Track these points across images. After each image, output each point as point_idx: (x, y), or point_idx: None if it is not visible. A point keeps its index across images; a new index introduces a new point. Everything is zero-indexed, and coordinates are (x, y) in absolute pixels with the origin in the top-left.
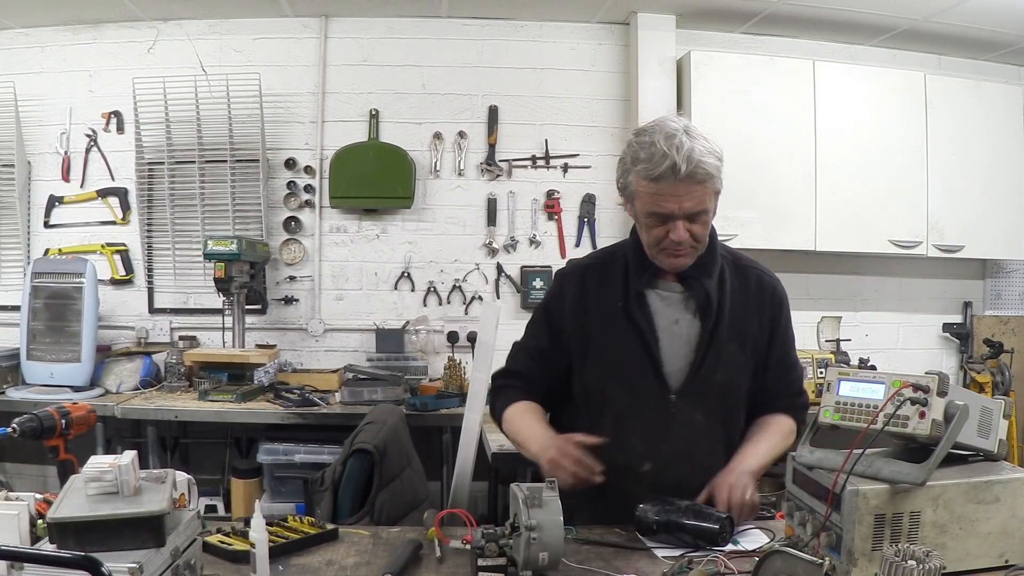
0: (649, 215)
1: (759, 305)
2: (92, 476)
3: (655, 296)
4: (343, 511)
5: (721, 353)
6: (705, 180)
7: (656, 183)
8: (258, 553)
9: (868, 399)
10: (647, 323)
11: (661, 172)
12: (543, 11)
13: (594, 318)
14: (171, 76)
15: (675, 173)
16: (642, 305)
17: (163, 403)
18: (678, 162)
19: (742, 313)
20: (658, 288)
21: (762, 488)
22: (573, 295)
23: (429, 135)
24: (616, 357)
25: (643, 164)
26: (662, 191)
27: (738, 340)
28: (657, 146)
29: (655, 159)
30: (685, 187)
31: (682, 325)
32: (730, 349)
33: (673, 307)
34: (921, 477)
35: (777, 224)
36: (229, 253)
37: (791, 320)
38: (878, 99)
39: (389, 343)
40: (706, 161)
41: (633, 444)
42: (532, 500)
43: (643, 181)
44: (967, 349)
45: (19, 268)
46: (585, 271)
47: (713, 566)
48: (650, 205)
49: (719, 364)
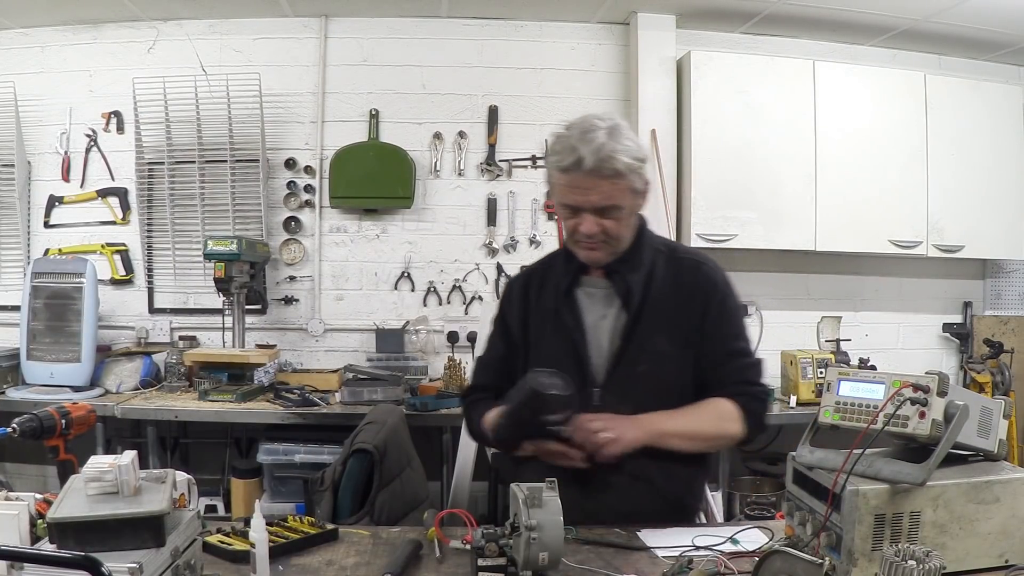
0: (561, 206)
1: (690, 294)
2: (92, 476)
3: (582, 293)
4: (343, 511)
5: (644, 345)
6: (613, 176)
7: (565, 175)
8: (258, 553)
9: (868, 399)
10: (574, 321)
11: (568, 164)
12: (543, 11)
13: (534, 320)
14: (171, 76)
15: (580, 166)
16: (570, 303)
17: (163, 403)
18: (584, 156)
19: (672, 305)
20: (585, 285)
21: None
22: (518, 299)
23: (429, 135)
24: (548, 356)
25: (556, 156)
26: (571, 183)
27: (665, 332)
28: (570, 140)
29: (565, 152)
30: (592, 181)
31: (608, 319)
32: (655, 341)
33: (599, 303)
34: (921, 477)
35: (777, 224)
36: (229, 253)
37: (735, 309)
38: (878, 99)
39: (389, 343)
40: (617, 158)
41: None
42: (532, 500)
43: (555, 173)
44: (967, 349)
45: (19, 268)
46: (529, 276)
47: (713, 566)
48: (561, 196)
49: (642, 356)
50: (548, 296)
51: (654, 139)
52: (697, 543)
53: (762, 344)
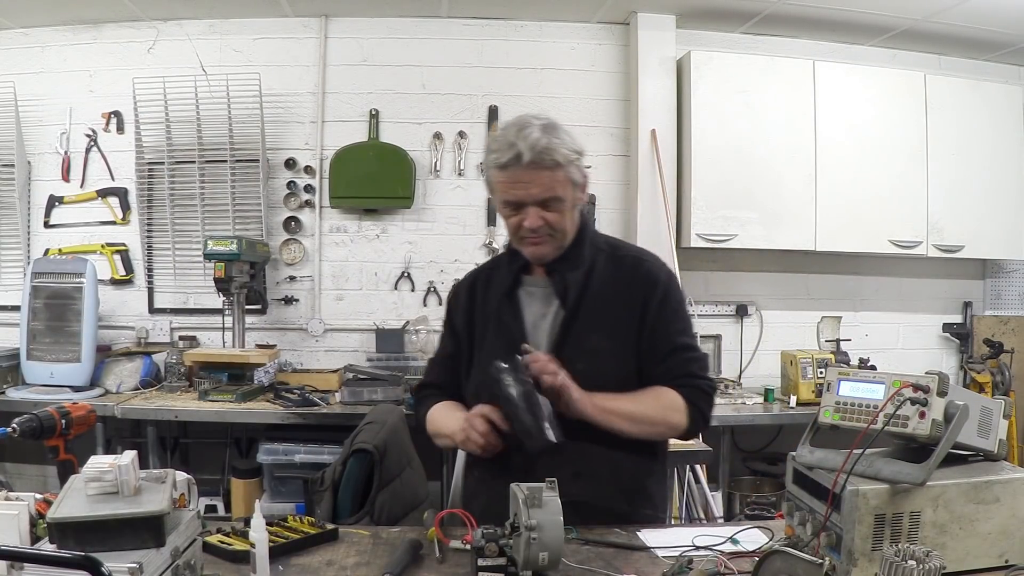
0: (504, 204)
1: (629, 290)
2: (92, 476)
3: (524, 293)
4: (343, 511)
5: (581, 343)
6: (553, 167)
7: (504, 171)
8: (258, 553)
9: (868, 399)
10: (515, 320)
11: (507, 160)
12: (543, 11)
13: (478, 322)
14: (171, 76)
15: (519, 160)
16: (512, 303)
17: (163, 403)
18: (522, 149)
19: (611, 302)
20: (527, 285)
21: (762, 488)
22: (465, 302)
23: (429, 135)
24: (490, 356)
25: (494, 155)
26: (511, 179)
27: (604, 330)
28: (507, 137)
29: (503, 149)
30: (532, 174)
31: (547, 318)
32: (591, 338)
33: (540, 301)
34: (921, 477)
35: (777, 224)
36: (229, 253)
37: (678, 304)
38: (878, 99)
39: (389, 343)
40: (555, 150)
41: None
42: (532, 500)
43: (494, 171)
44: (967, 349)
45: (19, 268)
46: (475, 278)
47: (713, 566)
48: (502, 193)
49: (580, 354)
50: (492, 297)
51: (654, 139)
52: (697, 543)
53: (762, 344)
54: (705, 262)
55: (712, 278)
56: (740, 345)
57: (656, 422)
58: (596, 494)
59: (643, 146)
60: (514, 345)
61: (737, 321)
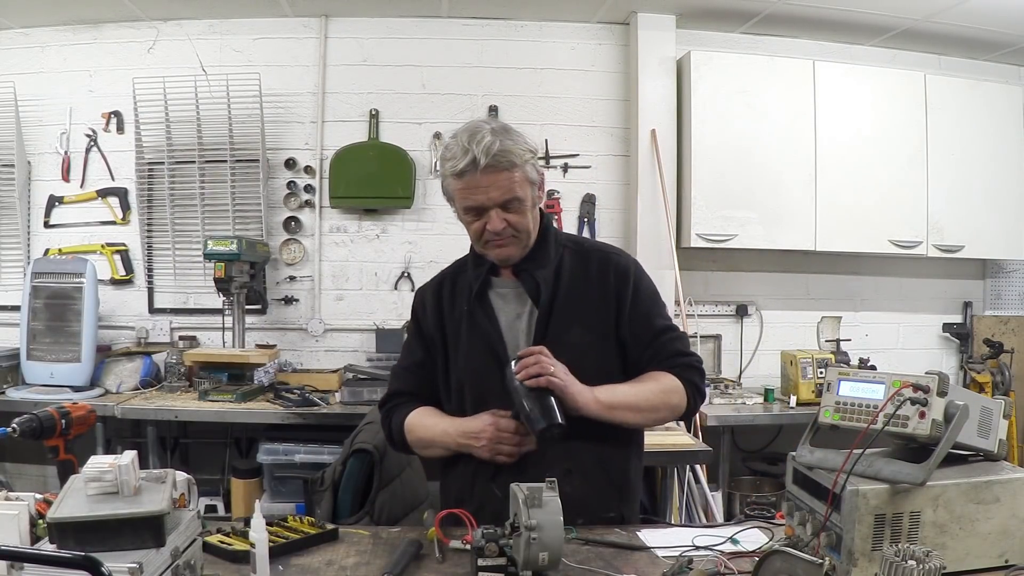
0: (465, 211)
1: (602, 284)
2: (92, 476)
3: (495, 295)
4: (343, 511)
5: (561, 339)
6: (509, 168)
7: (461, 178)
8: (258, 553)
9: (868, 399)
10: (489, 322)
11: (463, 167)
12: (543, 11)
13: (449, 325)
14: (171, 76)
15: (475, 165)
16: (484, 305)
17: (163, 403)
18: (477, 155)
19: (583, 296)
20: (496, 287)
21: (762, 488)
22: (432, 307)
23: (429, 135)
24: (466, 360)
25: (450, 163)
26: (469, 185)
27: (580, 324)
28: (459, 144)
29: (457, 156)
30: (490, 177)
31: (523, 318)
32: (571, 332)
33: (512, 302)
34: (921, 477)
35: (777, 224)
36: (229, 253)
37: (651, 291)
38: (878, 99)
39: (389, 343)
40: (509, 151)
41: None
42: (532, 500)
43: (451, 179)
44: (967, 349)
45: (19, 268)
46: (440, 283)
47: (713, 566)
48: (462, 201)
49: (560, 348)
50: (461, 300)
51: (654, 139)
52: (697, 543)
53: (762, 344)
54: (705, 262)
55: (712, 278)
56: (740, 345)
57: (658, 407)
58: (588, 490)
59: (643, 146)
60: (491, 347)
61: (737, 321)
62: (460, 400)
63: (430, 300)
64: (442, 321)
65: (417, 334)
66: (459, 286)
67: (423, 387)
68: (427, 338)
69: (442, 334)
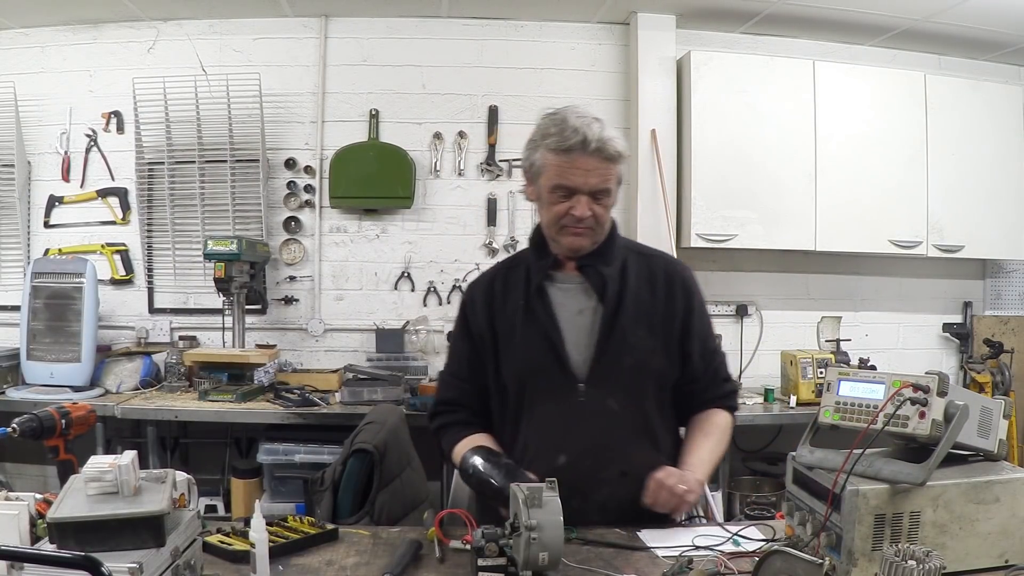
0: (555, 188)
1: (669, 294)
2: (92, 476)
3: (556, 289)
4: (343, 511)
5: (627, 337)
6: (613, 159)
7: (565, 155)
8: (258, 553)
9: (868, 399)
10: (548, 316)
11: (571, 144)
12: (543, 11)
13: (501, 321)
14: (171, 76)
15: (585, 146)
16: (543, 299)
17: (163, 403)
18: (589, 136)
19: (649, 299)
20: (557, 281)
21: (762, 488)
22: (483, 303)
23: (429, 135)
24: (523, 355)
25: (554, 137)
26: (571, 163)
27: (646, 325)
28: (569, 122)
29: (566, 132)
30: (594, 161)
31: (586, 314)
32: (637, 333)
33: (575, 297)
34: (921, 477)
35: (777, 224)
36: (229, 253)
37: (704, 306)
38: (878, 99)
39: (389, 343)
40: (613, 141)
41: (548, 438)
42: (532, 500)
43: (551, 154)
44: (967, 349)
45: (19, 268)
46: (491, 280)
47: (713, 566)
48: (556, 178)
49: (625, 348)
50: (516, 295)
51: (654, 139)
52: (697, 543)
53: (762, 344)
54: (705, 262)
55: (712, 278)
56: (740, 345)
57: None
58: (640, 494)
59: (643, 146)
60: (549, 341)
61: (737, 321)
62: (509, 398)
63: (480, 297)
64: (493, 318)
65: (465, 334)
66: (512, 281)
67: (472, 393)
68: (475, 337)
69: (492, 331)
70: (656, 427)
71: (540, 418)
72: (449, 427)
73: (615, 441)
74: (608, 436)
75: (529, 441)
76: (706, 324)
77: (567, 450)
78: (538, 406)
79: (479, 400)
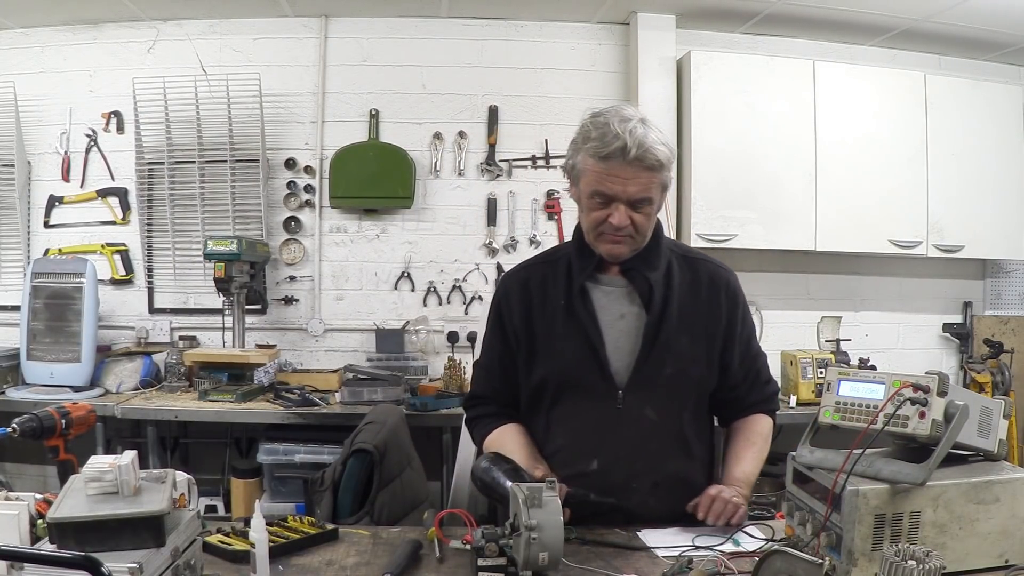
0: (593, 195)
1: (714, 300)
2: (92, 476)
3: (598, 291)
4: (343, 511)
5: (670, 345)
6: (654, 167)
7: (604, 162)
8: (258, 553)
9: (868, 399)
10: (590, 319)
11: (611, 151)
12: (543, 11)
13: (539, 318)
14: (171, 76)
15: (624, 154)
16: (585, 301)
17: (163, 403)
18: (629, 144)
19: (693, 306)
20: (601, 283)
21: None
22: (518, 298)
23: (429, 135)
24: (561, 355)
25: (594, 142)
26: (610, 170)
27: (689, 333)
28: (611, 127)
29: (607, 138)
30: (633, 170)
31: (628, 319)
32: (680, 341)
33: (617, 301)
34: (921, 477)
35: (777, 224)
36: (229, 253)
37: (748, 310)
38: (878, 99)
39: (389, 343)
40: (657, 149)
41: (582, 443)
42: (532, 500)
43: (591, 159)
44: (967, 349)
45: (19, 268)
46: (529, 272)
47: (713, 566)
48: (595, 184)
49: (668, 356)
50: (556, 293)
51: None
52: (697, 543)
53: (762, 344)
54: None
55: None
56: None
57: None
58: (672, 503)
59: None
60: (589, 344)
61: None
62: (544, 396)
63: (516, 293)
64: (530, 317)
65: (498, 327)
66: (551, 278)
67: (503, 389)
68: (510, 333)
69: (530, 331)
70: (690, 436)
71: (575, 421)
72: (480, 419)
73: (650, 451)
74: (643, 446)
75: (562, 442)
76: (749, 329)
77: (600, 456)
78: (573, 409)
79: (510, 394)
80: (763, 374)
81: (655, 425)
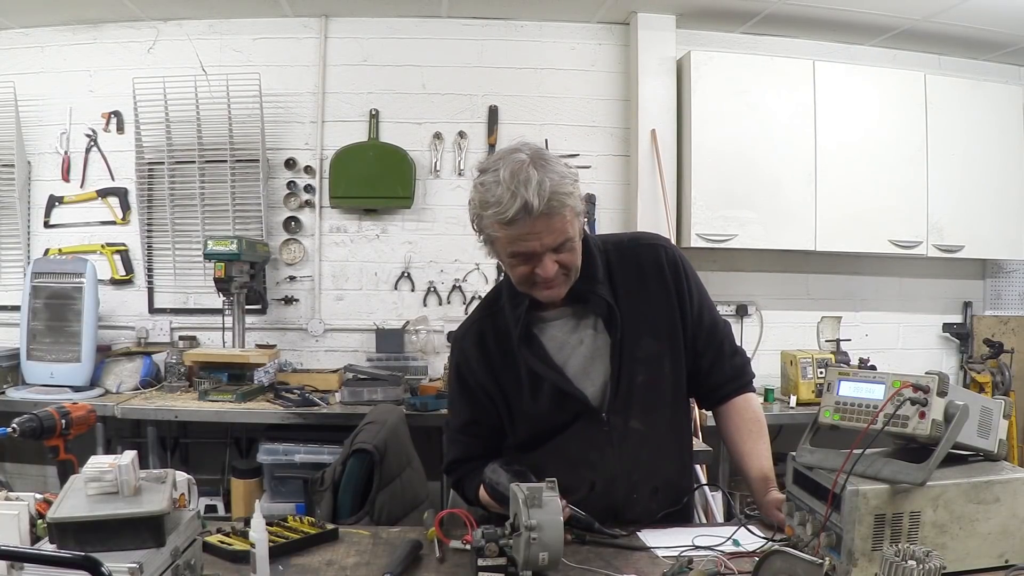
0: (512, 256)
1: (659, 281)
2: (92, 476)
3: (548, 328)
4: (343, 511)
5: (635, 353)
6: (562, 211)
7: (512, 226)
8: (258, 553)
9: (868, 399)
10: (546, 363)
11: (514, 215)
12: (543, 11)
13: (505, 378)
14: (171, 76)
15: (529, 212)
16: (531, 345)
17: (163, 403)
18: (530, 200)
19: (645, 301)
20: (547, 320)
21: None
22: (477, 357)
23: (429, 135)
24: (535, 406)
25: (493, 208)
26: (520, 232)
27: (649, 332)
28: (504, 187)
29: (504, 203)
30: (543, 223)
31: (587, 341)
32: (643, 345)
33: (571, 329)
34: (921, 477)
35: (777, 224)
36: (229, 253)
37: (697, 279)
38: (878, 99)
39: (389, 343)
40: (561, 188)
41: (577, 471)
42: (532, 500)
43: (497, 226)
44: (967, 349)
45: (19, 268)
46: (480, 332)
47: (713, 566)
48: (510, 247)
49: (637, 365)
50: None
51: (654, 139)
52: (697, 543)
53: (762, 344)
54: (705, 262)
55: (712, 278)
56: (740, 345)
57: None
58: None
59: (643, 146)
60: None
61: (737, 321)
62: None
63: (474, 353)
64: (495, 375)
65: (462, 389)
66: (501, 330)
67: (479, 446)
68: (480, 394)
69: (499, 387)
70: (674, 430)
71: (567, 453)
72: (468, 476)
73: (644, 460)
74: (636, 457)
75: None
76: (702, 296)
77: (599, 478)
78: (563, 443)
79: (489, 445)
80: (726, 346)
81: (642, 434)
